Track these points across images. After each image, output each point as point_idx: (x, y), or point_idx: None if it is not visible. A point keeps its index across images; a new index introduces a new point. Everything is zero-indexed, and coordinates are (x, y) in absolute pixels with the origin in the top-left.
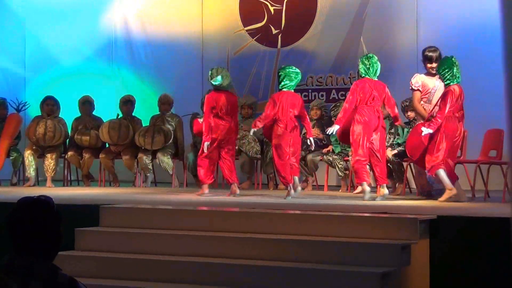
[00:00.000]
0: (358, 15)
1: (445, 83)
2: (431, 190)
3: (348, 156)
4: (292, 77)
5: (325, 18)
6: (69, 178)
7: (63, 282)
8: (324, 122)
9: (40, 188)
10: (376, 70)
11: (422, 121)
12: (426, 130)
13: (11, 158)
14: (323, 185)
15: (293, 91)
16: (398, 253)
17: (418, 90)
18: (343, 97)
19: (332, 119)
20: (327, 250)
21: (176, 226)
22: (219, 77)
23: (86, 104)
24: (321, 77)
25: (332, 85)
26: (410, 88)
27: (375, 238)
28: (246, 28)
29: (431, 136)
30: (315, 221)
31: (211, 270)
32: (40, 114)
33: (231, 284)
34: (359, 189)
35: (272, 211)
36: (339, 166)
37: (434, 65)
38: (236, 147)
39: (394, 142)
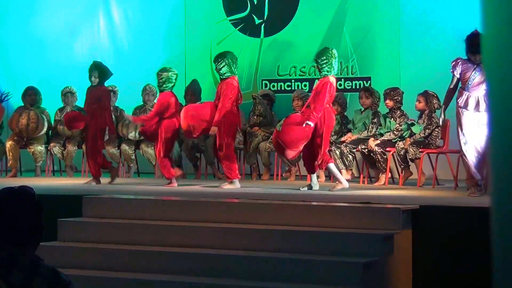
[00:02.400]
0: (341, 5)
1: (322, 74)
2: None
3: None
4: (232, 65)
5: (308, 7)
6: (52, 169)
7: (45, 273)
8: None
9: (23, 179)
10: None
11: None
12: (310, 123)
13: None
14: (306, 175)
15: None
16: (381, 243)
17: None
18: None
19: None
20: (310, 240)
21: (158, 217)
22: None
23: (68, 94)
24: (304, 67)
25: (315, 75)
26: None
27: (358, 228)
28: (229, 18)
29: (315, 129)
30: (297, 211)
31: (194, 260)
32: (23, 104)
33: (213, 274)
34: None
35: (255, 201)
36: None
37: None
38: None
39: (377, 132)
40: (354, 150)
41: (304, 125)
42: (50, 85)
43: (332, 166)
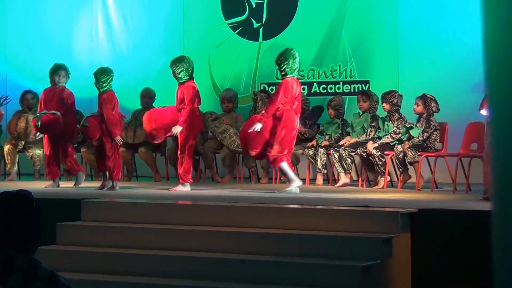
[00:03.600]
0: (340, 8)
1: (281, 74)
2: None
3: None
4: (112, 77)
5: (307, 11)
6: None
7: (44, 276)
8: (305, 115)
9: (22, 183)
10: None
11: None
12: (257, 126)
13: None
14: (305, 179)
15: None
16: (379, 246)
17: None
18: (324, 91)
19: (330, 111)
20: (309, 243)
21: (157, 220)
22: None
23: None
24: (302, 71)
25: (313, 78)
26: None
27: (357, 232)
28: (227, 22)
29: (272, 128)
30: (296, 214)
31: (192, 264)
32: (20, 108)
33: (212, 278)
34: (340, 182)
35: (254, 204)
36: (322, 158)
37: None
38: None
39: (375, 136)
40: (353, 154)
41: (251, 129)
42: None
43: (284, 164)
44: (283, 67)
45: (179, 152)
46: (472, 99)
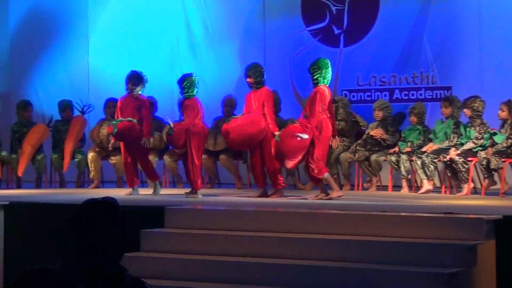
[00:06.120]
0: (421, 14)
1: (313, 83)
2: None
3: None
4: (196, 84)
5: (388, 17)
6: None
7: (130, 284)
8: (387, 122)
9: (105, 190)
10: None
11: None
12: (302, 135)
13: (76, 160)
14: (387, 186)
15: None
16: (464, 254)
17: None
18: (406, 97)
19: (412, 117)
20: (393, 250)
21: (240, 227)
22: None
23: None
24: (384, 77)
25: (395, 84)
26: None
27: (441, 239)
28: (308, 29)
29: (312, 139)
30: (380, 222)
31: (274, 271)
32: (104, 117)
33: (294, 285)
34: (423, 189)
35: (338, 211)
36: (405, 165)
37: None
38: None
39: (457, 142)
40: (436, 160)
41: (300, 137)
42: None
43: (328, 174)
44: (316, 76)
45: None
46: None
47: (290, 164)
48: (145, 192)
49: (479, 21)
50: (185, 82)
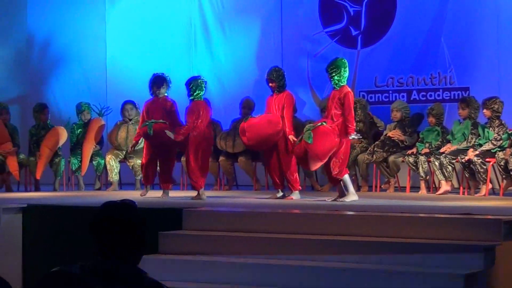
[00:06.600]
0: (439, 14)
1: (334, 84)
2: None
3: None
4: (203, 86)
5: (405, 18)
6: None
7: (149, 286)
8: (405, 123)
9: (123, 192)
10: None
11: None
12: (355, 136)
13: (94, 162)
14: (405, 187)
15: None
16: (482, 255)
17: None
18: (424, 98)
19: (430, 118)
20: (410, 251)
21: (258, 229)
22: None
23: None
24: (401, 78)
25: (412, 85)
26: None
27: (459, 240)
28: (325, 30)
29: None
30: (398, 223)
31: (292, 273)
32: (121, 119)
33: (312, 287)
34: (441, 190)
35: (356, 213)
36: (424, 166)
37: None
38: None
39: (475, 143)
40: (454, 161)
41: (350, 138)
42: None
43: (347, 176)
44: (334, 76)
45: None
46: None
47: (317, 166)
48: (155, 194)
49: (497, 21)
50: (191, 84)
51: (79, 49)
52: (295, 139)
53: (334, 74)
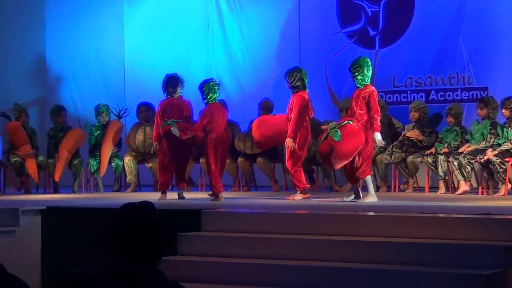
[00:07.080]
0: (457, 14)
1: (358, 83)
2: None
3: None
4: (216, 89)
5: (423, 18)
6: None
7: (168, 287)
8: (424, 123)
9: (142, 194)
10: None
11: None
12: (381, 139)
13: (112, 164)
14: (424, 187)
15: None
16: (501, 255)
17: None
18: (442, 98)
19: (449, 118)
20: (430, 252)
21: (277, 230)
22: None
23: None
24: (420, 78)
25: (431, 85)
26: None
27: (478, 240)
28: (343, 30)
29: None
30: (417, 223)
31: (311, 273)
32: (138, 121)
33: (331, 287)
34: (460, 190)
35: (374, 213)
36: (443, 166)
37: None
38: None
39: (494, 143)
40: (472, 161)
41: (377, 139)
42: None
43: (370, 177)
44: (358, 75)
45: (287, 163)
46: None
47: (341, 164)
48: (173, 196)
49: None
50: (204, 87)
51: (97, 51)
52: (293, 144)
53: (357, 73)
